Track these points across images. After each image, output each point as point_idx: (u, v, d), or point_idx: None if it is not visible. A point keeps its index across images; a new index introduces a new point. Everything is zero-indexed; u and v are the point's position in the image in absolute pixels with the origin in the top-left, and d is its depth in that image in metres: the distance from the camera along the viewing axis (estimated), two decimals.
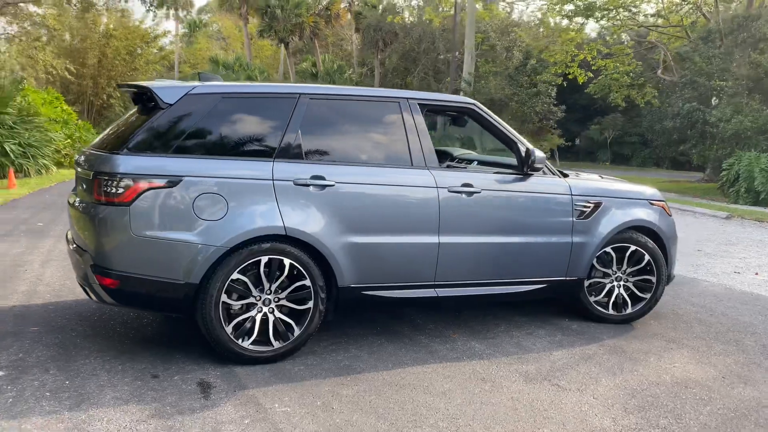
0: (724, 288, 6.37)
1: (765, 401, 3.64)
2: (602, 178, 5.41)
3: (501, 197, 4.42)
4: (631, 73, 23.98)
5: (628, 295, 4.97)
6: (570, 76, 24.79)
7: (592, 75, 25.42)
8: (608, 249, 4.85)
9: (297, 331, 3.83)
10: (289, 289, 3.80)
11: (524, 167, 4.44)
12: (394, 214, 4.07)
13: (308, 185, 3.80)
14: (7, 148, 14.05)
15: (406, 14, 36.15)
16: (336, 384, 3.56)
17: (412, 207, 4.12)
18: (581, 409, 3.42)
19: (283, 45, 37.06)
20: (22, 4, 18.69)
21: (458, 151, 5.62)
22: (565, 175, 4.90)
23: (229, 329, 3.64)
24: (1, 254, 6.42)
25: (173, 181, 3.51)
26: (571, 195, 4.63)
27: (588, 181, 4.93)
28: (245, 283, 3.68)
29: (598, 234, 4.72)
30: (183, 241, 3.53)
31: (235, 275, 3.63)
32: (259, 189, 3.69)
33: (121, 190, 3.45)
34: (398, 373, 3.77)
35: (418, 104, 4.28)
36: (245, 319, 3.71)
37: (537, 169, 4.41)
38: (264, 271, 3.71)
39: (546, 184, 4.58)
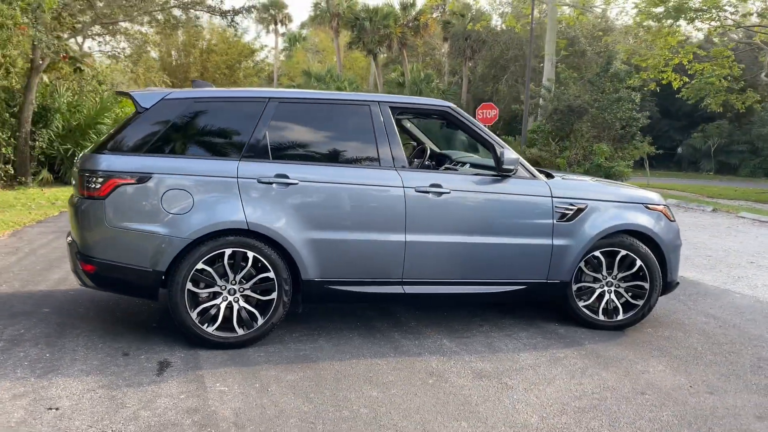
0: (754, 301, 6.00)
1: (721, 410, 3.50)
2: (595, 180, 5.31)
3: (472, 198, 4.47)
4: (728, 77, 22.53)
5: (620, 301, 4.84)
6: (664, 81, 23.67)
7: (687, 80, 24.13)
8: (597, 253, 4.76)
9: (260, 321, 4.08)
10: (253, 281, 4.06)
11: (498, 169, 4.47)
12: (358, 212, 4.23)
13: (272, 183, 4.06)
14: None
15: (494, 21, 35.86)
16: (284, 370, 3.77)
17: (377, 205, 4.27)
18: (514, 406, 3.44)
19: (372, 56, 37.82)
20: (123, 24, 20.26)
21: (457, 155, 5.68)
22: (551, 177, 4.86)
23: (194, 315, 3.95)
24: (58, 247, 7.13)
25: (143, 178, 3.88)
26: (552, 197, 4.60)
27: (572, 183, 4.87)
28: (210, 273, 3.97)
29: (583, 237, 4.64)
30: (151, 232, 3.88)
31: (200, 265, 3.94)
32: (224, 186, 3.99)
33: (98, 186, 3.86)
34: (351, 364, 3.92)
35: (389, 107, 4.43)
36: (210, 307, 4.00)
37: (507, 170, 4.42)
38: (228, 263, 4.00)
39: (524, 185, 4.58)
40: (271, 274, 4.06)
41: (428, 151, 5.51)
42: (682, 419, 3.37)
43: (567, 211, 4.63)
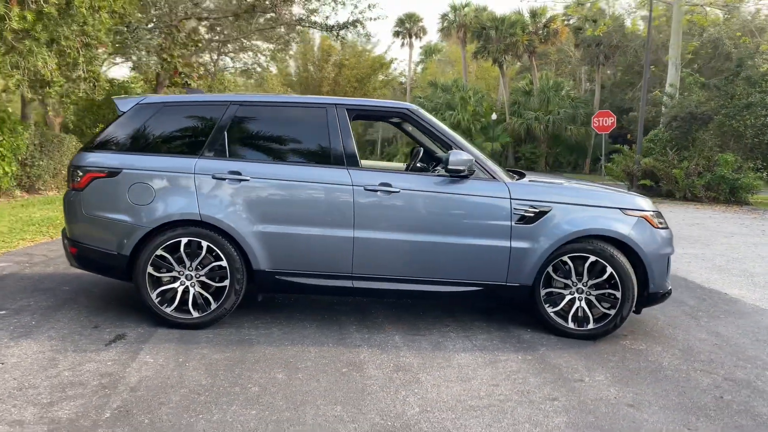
0: None
1: (624, 423, 3.32)
2: (576, 183, 5.12)
3: (423, 198, 4.54)
4: None
5: (592, 309, 4.66)
6: None
7: None
8: (566, 258, 4.63)
9: (213, 305, 4.47)
10: (207, 268, 4.46)
11: (444, 169, 4.51)
12: (307, 208, 4.49)
13: (225, 179, 4.44)
14: None
15: (627, 23, 34.08)
16: (216, 351, 4.12)
17: (326, 202, 4.49)
18: (405, 399, 3.50)
19: (498, 65, 37.51)
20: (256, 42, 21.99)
21: None
22: (522, 176, 4.81)
23: (154, 296, 4.43)
24: None
25: (113, 173, 4.43)
26: (510, 198, 4.55)
27: (536, 185, 4.75)
28: (168, 259, 4.43)
29: (545, 241, 4.54)
30: (118, 220, 4.42)
31: (160, 252, 4.41)
32: (182, 181, 4.43)
33: (79, 179, 4.47)
34: (282, 350, 4.18)
35: (346, 109, 4.64)
36: (169, 290, 4.46)
37: (451, 171, 4.44)
38: (185, 251, 4.43)
39: (480, 186, 4.57)
40: (224, 263, 4.43)
41: (421, 153, 5.61)
42: (574, 427, 3.26)
43: (527, 214, 4.55)
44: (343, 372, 3.86)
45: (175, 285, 4.47)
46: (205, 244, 4.42)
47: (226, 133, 4.55)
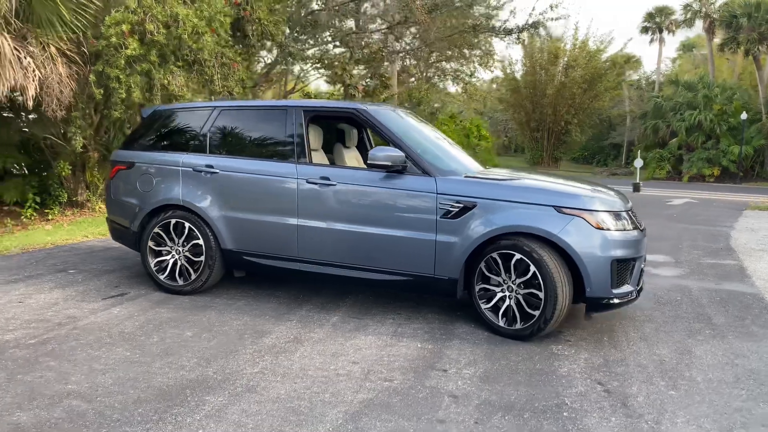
0: None
1: (396, 398, 3.45)
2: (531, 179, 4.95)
3: (357, 191, 4.89)
4: None
5: (527, 308, 4.58)
6: None
7: None
8: (495, 254, 4.62)
9: (193, 276, 5.40)
10: (189, 245, 5.41)
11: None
12: (261, 197, 5.17)
13: (201, 171, 5.35)
14: None
15: None
16: (171, 311, 5.02)
17: (276, 193, 5.12)
18: (255, 360, 4.02)
19: (752, 57, 32.83)
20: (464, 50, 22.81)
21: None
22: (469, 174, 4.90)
23: (152, 264, 5.52)
24: None
25: (130, 165, 5.63)
26: (436, 193, 4.69)
27: (465, 180, 4.74)
28: (162, 235, 5.48)
29: (468, 236, 4.59)
30: (131, 203, 5.60)
31: (157, 230, 5.48)
32: (173, 172, 5.45)
33: (112, 170, 5.77)
34: (221, 317, 4.90)
35: (302, 111, 5.22)
36: (163, 261, 5.51)
37: (371, 166, 4.72)
38: (174, 230, 5.44)
39: (410, 181, 4.76)
40: (200, 242, 5.34)
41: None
42: (371, 404, 3.48)
43: (452, 208, 4.64)
44: (242, 337, 4.46)
45: (167, 257, 5.49)
46: (187, 225, 5.36)
47: (208, 133, 5.45)
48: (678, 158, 32.59)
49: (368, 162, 4.71)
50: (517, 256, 4.47)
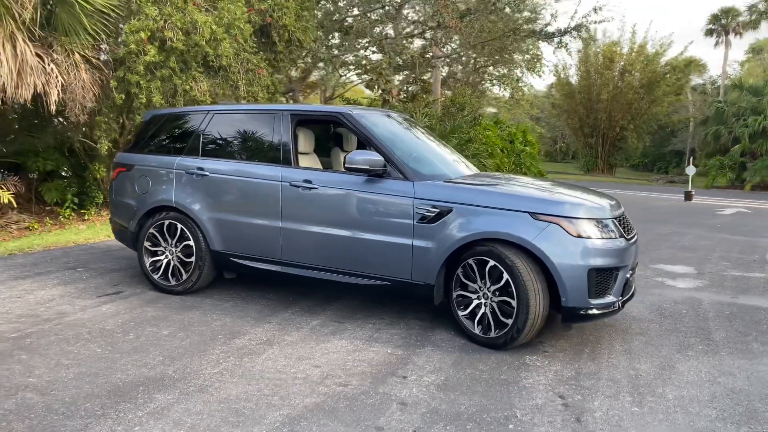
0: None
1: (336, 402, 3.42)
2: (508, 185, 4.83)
3: (337, 194, 4.89)
4: None
5: (501, 316, 4.48)
6: None
7: None
8: (471, 261, 4.54)
9: (184, 276, 5.52)
10: (181, 245, 5.54)
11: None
12: (248, 199, 5.24)
13: (193, 174, 5.46)
14: None
15: None
16: (158, 309, 5.14)
17: (261, 195, 5.18)
18: (220, 360, 4.08)
19: None
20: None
21: None
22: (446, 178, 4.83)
23: (147, 264, 5.67)
24: None
25: (129, 168, 5.81)
26: (413, 198, 4.64)
27: (442, 185, 4.66)
28: (157, 236, 5.63)
29: (443, 241, 4.53)
30: (129, 203, 5.78)
31: (152, 230, 5.63)
32: (167, 175, 5.59)
33: (113, 173, 5.97)
34: (203, 317, 4.99)
35: (290, 115, 5.26)
36: (157, 260, 5.66)
37: (349, 169, 4.71)
38: (167, 231, 5.58)
39: (389, 185, 4.73)
40: (191, 242, 5.46)
41: None
42: (321, 409, 3.48)
43: (428, 213, 4.58)
44: (215, 338, 4.53)
45: (162, 258, 5.63)
46: (179, 226, 5.49)
47: (201, 136, 5.57)
48: (741, 166, 31.15)
49: (346, 165, 4.70)
50: (491, 262, 4.38)
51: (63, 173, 11.42)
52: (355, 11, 14.27)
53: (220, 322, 4.89)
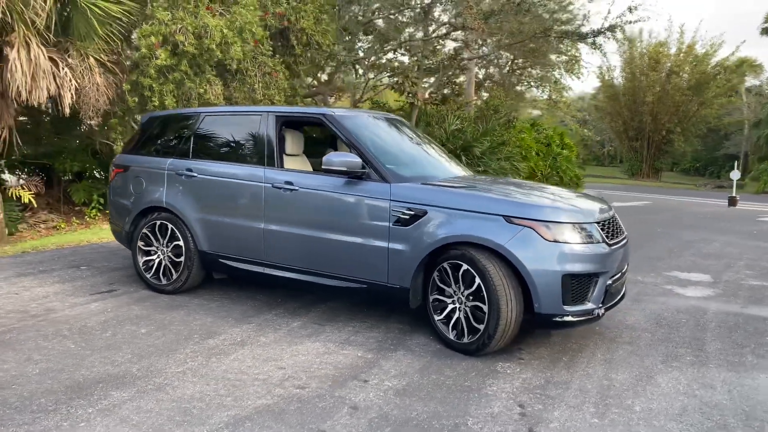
0: None
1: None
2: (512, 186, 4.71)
3: (317, 196, 4.87)
4: None
5: (467, 322, 4.39)
6: None
7: None
8: (446, 264, 4.46)
9: (174, 275, 5.60)
10: (171, 246, 5.62)
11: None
12: (233, 200, 5.27)
13: (182, 175, 5.54)
14: None
15: None
16: (144, 308, 5.22)
17: (245, 196, 5.20)
18: (187, 360, 4.11)
19: None
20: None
21: None
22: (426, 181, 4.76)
23: (141, 263, 5.78)
24: None
25: (126, 169, 5.93)
26: (390, 200, 4.59)
27: (418, 187, 4.58)
28: (149, 236, 5.73)
29: (418, 244, 4.46)
30: (125, 204, 5.90)
31: (145, 230, 5.73)
32: (159, 175, 5.68)
33: (111, 174, 6.11)
34: (187, 317, 5.04)
35: (275, 116, 5.27)
36: (150, 260, 5.75)
37: (326, 171, 4.68)
38: (159, 231, 5.67)
39: (367, 187, 4.68)
40: (181, 243, 5.53)
41: None
42: (249, 419, 3.48)
43: (404, 216, 4.52)
44: (189, 338, 4.56)
45: (153, 257, 5.72)
46: (170, 226, 5.57)
47: (192, 137, 5.64)
48: None
49: (323, 167, 4.68)
50: (465, 266, 4.29)
51: (96, 174, 11.78)
52: (378, 14, 14.24)
53: (200, 321, 4.93)
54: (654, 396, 3.76)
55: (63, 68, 7.39)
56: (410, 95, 14.34)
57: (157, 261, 5.68)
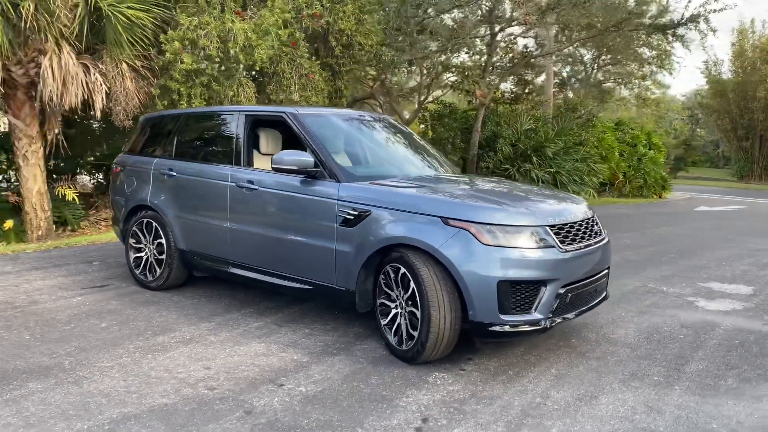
0: None
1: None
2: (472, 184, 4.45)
3: (274, 196, 4.80)
4: None
5: (406, 328, 4.19)
6: None
7: None
8: (388, 267, 4.28)
9: (158, 272, 5.74)
10: (156, 243, 5.77)
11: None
12: (204, 200, 5.32)
13: (164, 175, 5.67)
14: (534, 176, 17.08)
15: None
16: (121, 303, 5.36)
17: (213, 195, 5.23)
18: (135, 357, 4.19)
19: None
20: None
21: None
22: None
23: (131, 258, 5.98)
24: None
25: (122, 168, 6.16)
26: (337, 200, 4.46)
27: (364, 187, 4.38)
28: (138, 233, 5.91)
29: (361, 246, 4.29)
30: (120, 202, 6.13)
31: (135, 228, 5.93)
32: (146, 175, 5.85)
33: (112, 173, 6.37)
34: (156, 312, 5.13)
35: (244, 115, 5.27)
36: (139, 257, 5.94)
37: (277, 170, 4.58)
38: (146, 229, 5.84)
39: (318, 187, 4.54)
40: (163, 240, 5.67)
41: None
42: (171, 411, 3.47)
43: (349, 216, 4.38)
44: (141, 333, 4.62)
45: (142, 254, 5.89)
46: (154, 224, 5.72)
47: (176, 138, 5.76)
48: None
49: (272, 165, 4.60)
50: (402, 270, 4.07)
51: None
52: (439, 14, 14.00)
53: (164, 318, 5.00)
54: (583, 419, 3.39)
55: (94, 74, 7.79)
56: (468, 93, 13.99)
57: (144, 258, 5.84)
